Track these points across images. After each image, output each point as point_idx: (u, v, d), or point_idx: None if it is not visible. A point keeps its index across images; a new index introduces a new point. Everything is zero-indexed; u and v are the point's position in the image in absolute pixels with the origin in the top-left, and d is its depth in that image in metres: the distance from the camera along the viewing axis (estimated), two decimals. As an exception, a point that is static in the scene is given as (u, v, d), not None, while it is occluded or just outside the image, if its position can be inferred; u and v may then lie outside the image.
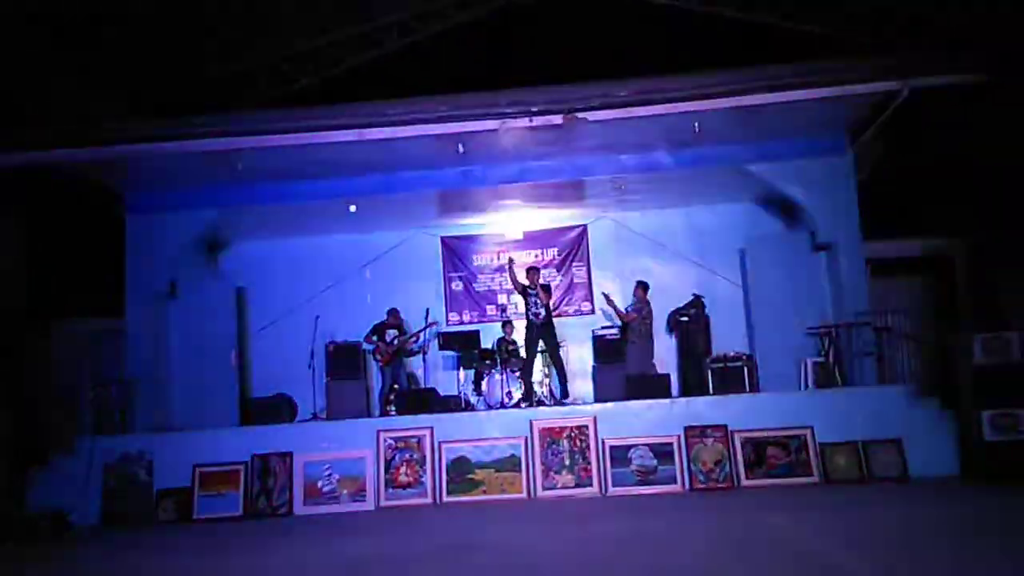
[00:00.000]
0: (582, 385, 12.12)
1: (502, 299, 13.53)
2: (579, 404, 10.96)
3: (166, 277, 12.05)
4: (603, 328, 12.27)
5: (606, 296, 12.17)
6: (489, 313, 13.49)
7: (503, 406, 11.47)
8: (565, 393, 11.57)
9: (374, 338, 12.19)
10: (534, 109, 10.33)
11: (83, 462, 10.54)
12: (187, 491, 10.11)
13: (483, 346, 12.47)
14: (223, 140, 10.66)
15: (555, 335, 11.78)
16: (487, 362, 12.17)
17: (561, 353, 11.81)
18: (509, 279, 12.06)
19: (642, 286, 12.22)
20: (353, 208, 12.08)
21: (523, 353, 11.91)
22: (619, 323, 12.15)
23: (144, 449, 10.45)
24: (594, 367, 11.93)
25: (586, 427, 9.97)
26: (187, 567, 7.56)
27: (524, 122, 10.39)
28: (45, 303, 12.82)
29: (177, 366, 12.05)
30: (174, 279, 12.13)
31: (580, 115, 10.32)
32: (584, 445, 9.91)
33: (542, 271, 13.32)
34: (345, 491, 9.94)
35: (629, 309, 12.20)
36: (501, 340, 12.39)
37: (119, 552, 8.50)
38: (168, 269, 12.04)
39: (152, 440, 10.55)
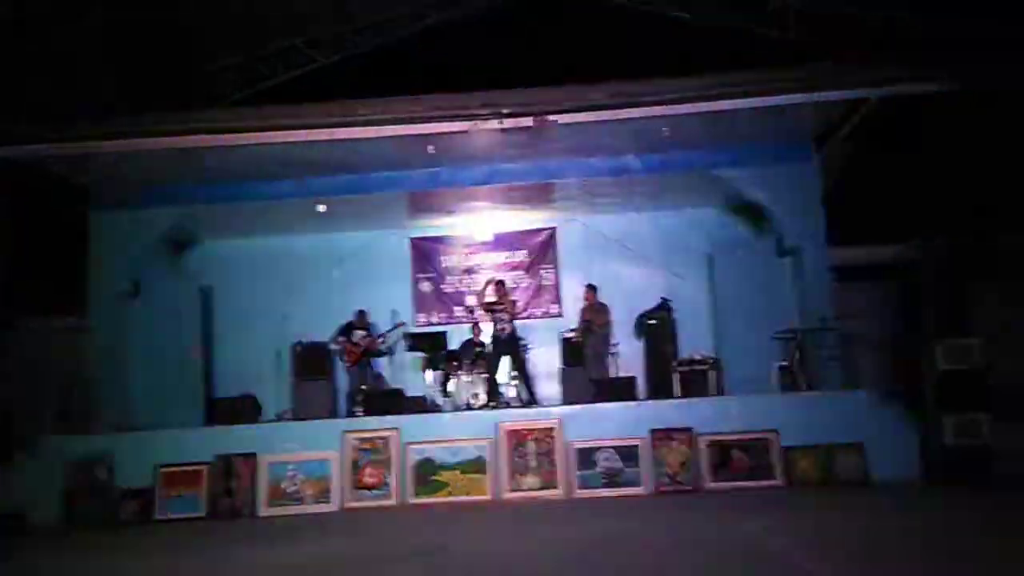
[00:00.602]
0: (549, 387, 12.12)
1: (470, 300, 13.52)
2: (546, 406, 10.95)
3: (130, 275, 11.92)
4: (571, 331, 12.29)
5: None
6: (457, 314, 13.46)
7: (469, 408, 11.45)
8: (533, 402, 11.55)
9: (341, 338, 12.14)
10: (505, 111, 10.34)
11: (45, 461, 10.40)
12: (149, 491, 9.99)
13: (451, 347, 12.45)
14: (190, 138, 10.57)
15: (521, 349, 11.76)
16: (454, 363, 12.14)
17: (528, 356, 11.80)
18: (478, 300, 12.01)
19: (591, 288, 12.23)
20: (322, 208, 12.02)
21: (490, 355, 11.89)
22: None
23: (106, 449, 10.30)
24: (561, 369, 11.94)
25: (552, 429, 9.97)
26: (148, 567, 7.48)
27: (495, 124, 10.39)
28: (8, 300, 12.65)
29: (141, 365, 11.91)
30: (139, 277, 12.01)
31: (551, 118, 10.33)
32: (550, 447, 9.90)
33: (510, 274, 13.36)
34: (310, 492, 9.87)
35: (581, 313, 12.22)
36: (469, 341, 12.38)
37: (78, 552, 8.39)
38: (133, 267, 11.93)
39: (115, 440, 10.41)
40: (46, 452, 10.43)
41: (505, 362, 11.98)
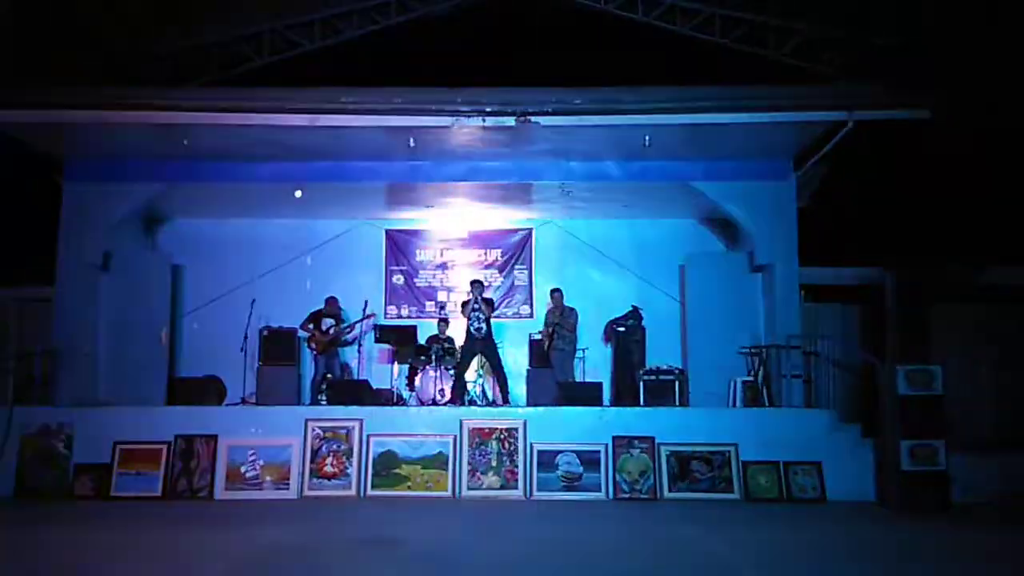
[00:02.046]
0: (514, 388, 12.15)
1: (442, 296, 13.52)
2: (511, 407, 10.99)
3: (101, 248, 11.78)
4: (539, 332, 12.33)
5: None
6: (428, 309, 13.46)
7: (435, 403, 11.46)
8: (507, 402, 11.55)
9: (310, 326, 12.11)
10: (488, 109, 10.35)
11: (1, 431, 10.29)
12: (106, 468, 9.91)
13: (420, 342, 12.45)
14: (169, 114, 10.48)
15: (496, 349, 11.78)
16: (422, 358, 12.15)
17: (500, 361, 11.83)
18: (461, 306, 12.01)
19: (557, 291, 12.27)
20: (299, 193, 11.96)
21: (458, 354, 11.91)
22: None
23: (65, 422, 10.21)
24: (528, 371, 11.97)
25: (516, 430, 10.00)
26: (101, 541, 7.45)
27: (477, 122, 10.40)
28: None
29: (105, 340, 11.78)
30: (109, 251, 11.86)
31: (533, 119, 10.36)
32: (513, 448, 9.94)
33: (484, 272, 13.38)
34: (269, 478, 9.84)
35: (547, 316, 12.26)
36: (434, 337, 12.37)
37: (28, 525, 8.32)
38: (103, 241, 11.77)
39: (74, 413, 10.32)
40: (2, 422, 10.31)
41: (475, 362, 12.00)
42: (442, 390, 11.70)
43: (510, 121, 10.38)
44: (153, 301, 12.02)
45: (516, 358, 12.64)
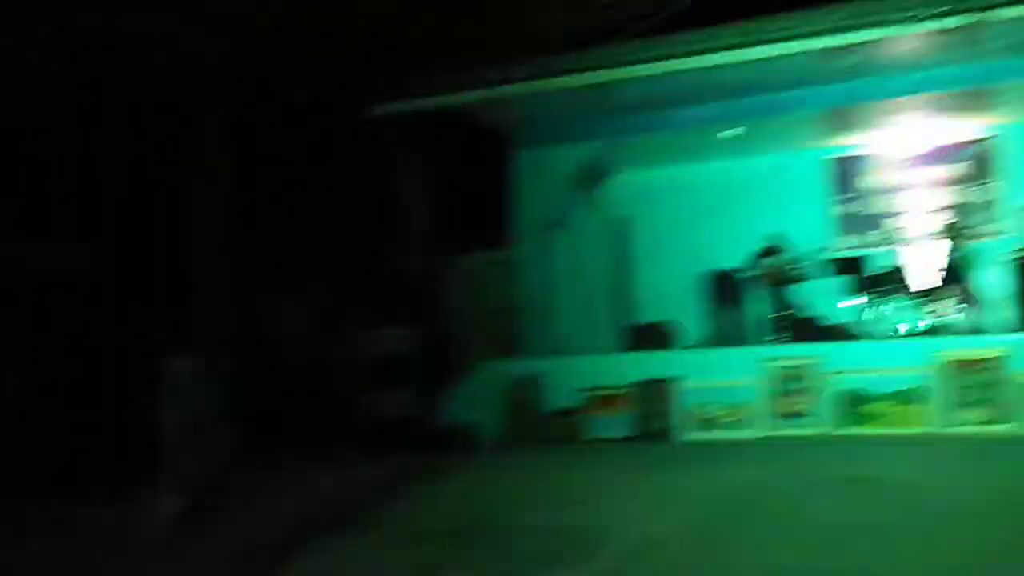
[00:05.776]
0: (996, 313, 10.87)
1: (894, 222, 12.53)
2: (990, 335, 9.90)
3: (552, 209, 12.51)
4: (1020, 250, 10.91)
5: None
6: (879, 238, 12.54)
7: (901, 335, 10.66)
8: (984, 330, 10.41)
9: (758, 264, 11.85)
10: (940, 10, 9.29)
11: (484, 384, 11.41)
12: (577, 412, 10.56)
13: (873, 272, 11.64)
14: (601, 73, 10.77)
15: (966, 274, 10.65)
16: (879, 289, 11.34)
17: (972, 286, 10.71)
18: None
19: None
20: (733, 133, 11.73)
21: (922, 280, 10.95)
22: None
23: (536, 372, 11.05)
24: (1016, 294, 10.60)
25: (999, 359, 8.99)
26: (574, 480, 7.92)
27: (926, 27, 9.40)
28: (444, 239, 13.91)
29: (564, 294, 12.52)
30: (560, 210, 12.56)
31: (989, 13, 9.14)
32: (997, 378, 8.95)
33: (942, 190, 12.21)
34: (730, 419, 9.83)
35: None
36: (889, 267, 11.47)
37: (528, 464, 9.13)
38: (554, 201, 12.50)
39: (543, 364, 11.12)
40: (485, 375, 11.44)
41: (943, 290, 10.96)
42: (903, 322, 10.83)
43: (964, 19, 9.25)
44: (604, 253, 12.55)
45: (990, 282, 11.34)
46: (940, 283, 10.81)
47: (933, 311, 10.72)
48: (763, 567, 5.06)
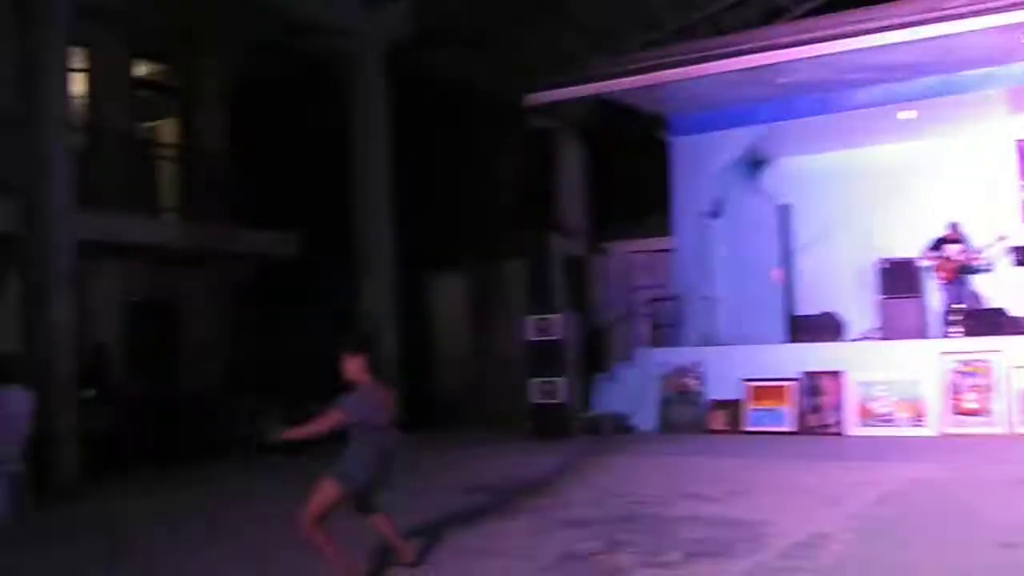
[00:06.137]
0: None
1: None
2: None
3: (711, 196, 12.24)
4: None
5: None
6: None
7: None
8: None
9: (933, 253, 11.22)
10: None
11: (640, 372, 11.29)
12: (737, 404, 10.32)
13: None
14: (762, 55, 10.43)
15: None
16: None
17: None
18: None
19: None
20: (908, 115, 11.12)
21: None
22: None
23: (695, 362, 10.86)
24: None
25: None
26: (734, 466, 7.73)
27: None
28: (601, 226, 13.85)
29: (723, 282, 12.23)
30: (718, 197, 12.28)
31: None
32: None
33: None
34: (903, 414, 9.38)
35: None
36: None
37: (686, 455, 9.05)
38: (713, 188, 12.22)
39: (702, 353, 10.91)
40: (642, 364, 11.32)
41: None
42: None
43: None
44: (763, 242, 12.17)
45: None
46: None
47: None
48: (932, 567, 4.78)
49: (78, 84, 11.32)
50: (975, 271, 11.37)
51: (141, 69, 13.23)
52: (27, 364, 8.14)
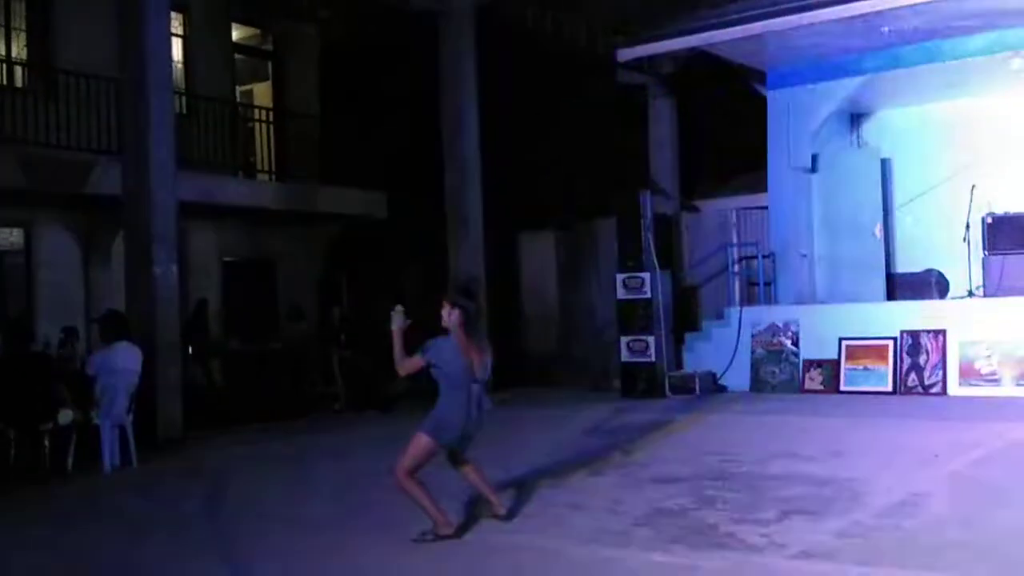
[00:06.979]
0: None
1: None
2: None
3: (808, 150, 11.88)
4: None
5: None
6: None
7: None
8: None
9: (1043, 208, 10.75)
10: None
11: (732, 330, 11.13)
12: (834, 363, 10.11)
13: None
14: (868, 2, 10.00)
15: None
16: None
17: None
18: None
19: None
20: (1021, 64, 10.59)
21: None
22: None
23: (790, 320, 10.66)
24: None
25: None
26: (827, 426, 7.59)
27: None
28: (694, 181, 13.63)
29: (820, 239, 11.92)
30: (816, 152, 11.92)
31: None
32: None
33: None
34: (1009, 374, 9.04)
35: None
36: None
37: (778, 413, 8.97)
38: (809, 143, 11.86)
39: (797, 312, 10.71)
40: (734, 322, 11.15)
41: None
42: None
43: None
44: (863, 197, 11.76)
45: None
46: None
47: None
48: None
49: (178, 49, 11.61)
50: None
51: (238, 34, 13.50)
52: (133, 320, 8.43)
